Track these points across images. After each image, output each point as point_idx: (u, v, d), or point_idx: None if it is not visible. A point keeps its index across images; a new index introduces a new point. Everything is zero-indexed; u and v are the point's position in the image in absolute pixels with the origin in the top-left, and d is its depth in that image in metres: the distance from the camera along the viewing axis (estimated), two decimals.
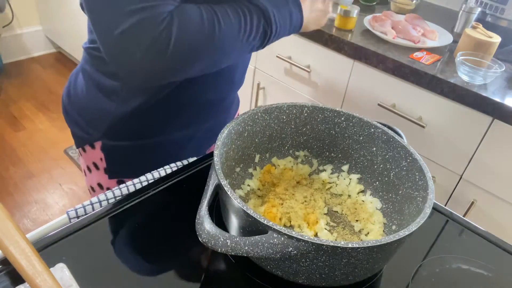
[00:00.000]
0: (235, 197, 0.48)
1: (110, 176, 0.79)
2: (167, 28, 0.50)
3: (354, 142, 0.69)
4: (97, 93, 0.73)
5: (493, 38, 1.18)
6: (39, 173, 2.03)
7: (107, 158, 0.77)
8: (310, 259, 0.46)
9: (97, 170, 0.80)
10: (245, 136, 0.65)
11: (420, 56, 1.21)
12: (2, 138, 2.21)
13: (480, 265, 0.60)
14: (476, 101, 1.08)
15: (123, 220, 0.60)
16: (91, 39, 0.71)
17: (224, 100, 0.81)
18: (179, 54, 0.52)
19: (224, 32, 0.55)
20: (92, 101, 0.74)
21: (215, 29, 0.54)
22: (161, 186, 0.66)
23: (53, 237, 0.55)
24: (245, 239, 0.45)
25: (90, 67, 0.73)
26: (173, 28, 0.51)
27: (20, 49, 2.86)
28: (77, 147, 0.82)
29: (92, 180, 0.83)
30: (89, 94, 0.74)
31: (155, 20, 0.49)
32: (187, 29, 0.52)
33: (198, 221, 0.47)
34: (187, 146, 0.81)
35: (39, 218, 1.81)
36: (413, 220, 0.51)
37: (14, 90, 2.57)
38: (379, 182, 0.67)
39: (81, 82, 0.76)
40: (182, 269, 0.54)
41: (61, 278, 0.48)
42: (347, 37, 1.29)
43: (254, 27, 0.59)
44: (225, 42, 0.56)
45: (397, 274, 0.57)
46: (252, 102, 1.72)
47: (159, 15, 0.49)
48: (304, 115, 0.69)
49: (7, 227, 0.48)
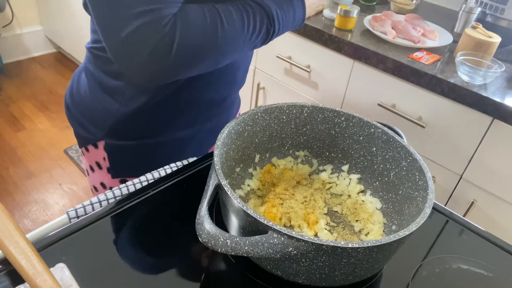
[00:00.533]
0: (235, 197, 0.48)
1: (114, 176, 0.79)
2: (171, 30, 0.51)
3: (354, 142, 0.69)
4: (100, 93, 0.73)
5: (493, 38, 1.18)
6: (39, 173, 2.04)
7: (110, 157, 0.77)
8: (310, 259, 0.46)
9: (100, 170, 0.80)
10: (245, 136, 0.65)
11: (420, 56, 1.21)
12: (2, 138, 2.21)
13: (480, 265, 0.60)
14: (476, 101, 1.08)
15: (123, 220, 0.60)
16: (94, 39, 0.71)
17: (226, 99, 0.81)
18: (182, 55, 0.53)
19: (227, 33, 0.56)
20: (95, 101, 0.74)
21: (218, 29, 0.55)
22: (161, 186, 0.66)
23: (53, 237, 0.55)
24: (245, 239, 0.45)
25: (93, 67, 0.73)
26: (177, 30, 0.52)
27: (20, 49, 2.86)
28: (80, 146, 0.82)
29: (95, 180, 0.83)
30: (92, 94, 0.74)
31: (160, 23, 0.50)
32: (190, 31, 0.53)
33: (198, 221, 0.47)
34: (190, 146, 0.81)
35: (39, 218, 1.81)
36: (413, 220, 0.51)
37: (14, 90, 2.57)
38: (379, 182, 0.67)
39: (84, 82, 0.76)
40: (182, 269, 0.54)
41: (61, 278, 0.48)
42: (347, 37, 1.29)
43: (258, 26, 0.60)
44: (228, 42, 0.57)
45: (397, 274, 0.57)
46: (252, 102, 1.72)
47: (163, 18, 0.51)
48: (304, 115, 0.69)
49: (7, 227, 0.48)
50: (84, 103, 0.76)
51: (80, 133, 0.79)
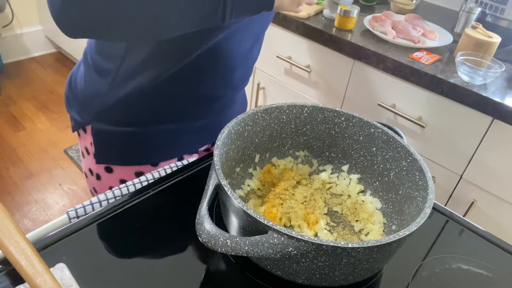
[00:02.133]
0: (235, 197, 0.48)
1: (98, 161, 0.79)
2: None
3: (354, 142, 0.69)
4: (92, 75, 0.74)
5: (493, 38, 1.18)
6: (39, 173, 2.04)
7: (95, 142, 0.77)
8: (310, 259, 0.46)
9: (88, 156, 0.81)
10: (245, 136, 0.65)
11: (420, 56, 1.21)
12: (2, 138, 2.21)
13: (480, 265, 0.60)
14: (476, 101, 1.08)
15: (123, 220, 0.60)
16: None
17: (220, 98, 0.80)
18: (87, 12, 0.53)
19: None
20: (87, 83, 0.75)
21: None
22: (161, 186, 0.66)
23: (53, 237, 0.55)
24: (245, 239, 0.45)
25: (90, 49, 0.75)
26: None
27: (20, 49, 2.86)
28: (73, 131, 0.83)
29: (85, 166, 0.84)
30: (86, 77, 0.76)
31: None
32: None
33: (198, 221, 0.47)
34: (177, 141, 0.80)
35: (39, 218, 1.81)
36: (413, 220, 0.51)
37: (14, 90, 2.57)
38: (379, 182, 0.67)
39: (82, 68, 0.78)
40: (182, 269, 0.54)
41: (61, 278, 0.48)
42: (347, 37, 1.29)
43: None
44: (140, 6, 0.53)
45: (397, 274, 0.57)
46: (252, 102, 1.72)
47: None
48: (304, 115, 0.69)
49: (7, 227, 0.48)
50: (78, 87, 0.78)
51: (74, 117, 0.80)
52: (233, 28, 0.69)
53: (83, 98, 0.77)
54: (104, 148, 0.78)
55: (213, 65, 0.72)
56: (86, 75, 0.76)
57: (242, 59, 0.77)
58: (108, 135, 0.76)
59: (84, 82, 0.76)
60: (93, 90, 0.74)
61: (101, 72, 0.73)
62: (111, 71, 0.71)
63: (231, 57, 0.73)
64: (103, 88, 0.73)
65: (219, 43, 0.69)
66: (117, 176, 0.80)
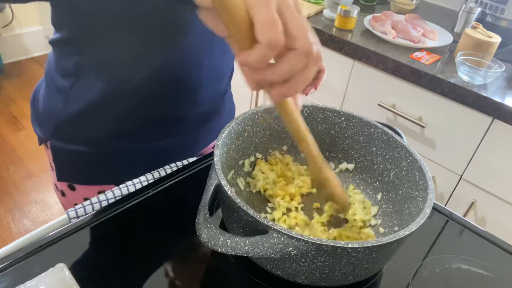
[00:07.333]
0: (235, 197, 0.48)
1: (58, 179, 0.77)
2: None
3: (354, 142, 0.69)
4: (51, 91, 0.72)
5: (493, 38, 1.18)
6: (39, 173, 2.04)
7: (54, 159, 0.76)
8: (310, 259, 0.46)
9: (52, 171, 0.79)
10: (245, 136, 0.65)
11: (420, 56, 1.21)
12: (2, 138, 2.21)
13: (480, 265, 0.60)
14: (476, 101, 1.08)
15: (123, 220, 0.60)
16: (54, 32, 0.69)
17: (182, 119, 0.74)
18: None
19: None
20: (46, 99, 0.74)
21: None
22: (161, 186, 0.66)
23: (53, 237, 0.55)
24: (245, 239, 0.45)
25: (48, 66, 0.73)
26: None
27: (20, 49, 2.86)
28: (39, 144, 0.81)
29: (52, 181, 0.82)
30: (46, 92, 0.74)
31: None
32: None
33: (198, 221, 0.47)
34: (137, 162, 0.75)
35: (39, 218, 1.81)
36: (413, 220, 0.51)
37: (14, 90, 2.57)
38: (379, 182, 0.67)
39: (43, 84, 0.76)
40: (182, 269, 0.54)
41: (61, 278, 0.48)
42: (347, 37, 1.29)
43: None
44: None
45: (397, 274, 0.57)
46: (252, 102, 1.72)
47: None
48: (304, 115, 0.69)
49: None
50: (40, 101, 0.76)
51: (36, 132, 0.78)
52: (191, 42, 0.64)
53: (43, 113, 0.74)
54: (63, 167, 0.76)
55: (170, 84, 0.68)
56: (47, 91, 0.74)
57: (207, 77, 0.71)
58: (65, 153, 0.74)
59: (44, 98, 0.74)
60: (50, 104, 0.72)
61: (58, 88, 0.70)
62: (66, 87, 0.69)
63: (191, 74, 0.68)
64: (58, 104, 0.70)
65: (177, 60, 0.65)
66: (80, 194, 0.77)
